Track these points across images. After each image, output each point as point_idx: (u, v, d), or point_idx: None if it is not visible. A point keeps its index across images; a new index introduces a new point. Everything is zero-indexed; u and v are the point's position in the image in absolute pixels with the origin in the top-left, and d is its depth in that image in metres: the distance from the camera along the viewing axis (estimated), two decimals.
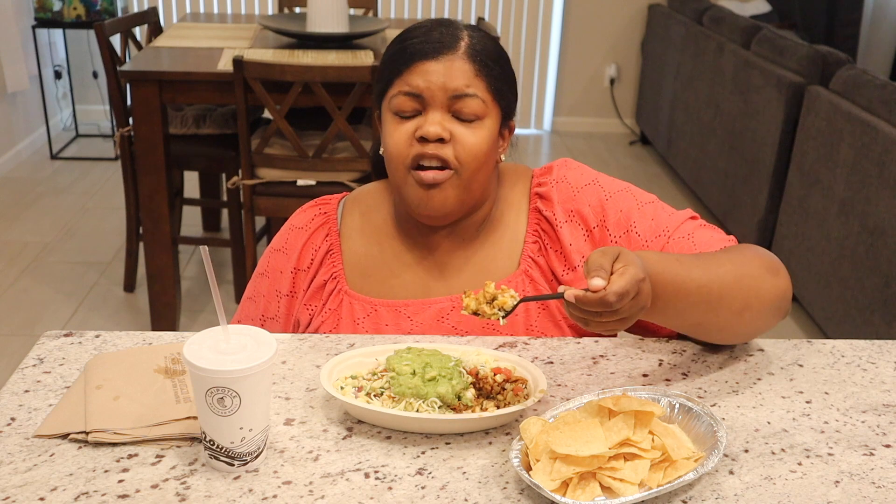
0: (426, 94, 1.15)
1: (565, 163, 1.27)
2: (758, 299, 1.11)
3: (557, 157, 5.09)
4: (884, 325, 2.55)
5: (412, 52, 1.16)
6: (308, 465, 0.92)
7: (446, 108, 1.15)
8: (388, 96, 1.18)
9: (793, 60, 3.32)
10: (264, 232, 3.36)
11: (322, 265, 1.26)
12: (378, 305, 1.24)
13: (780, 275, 1.15)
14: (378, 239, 1.27)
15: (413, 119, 1.17)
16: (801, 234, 3.12)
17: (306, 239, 1.27)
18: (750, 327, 1.13)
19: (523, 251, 1.24)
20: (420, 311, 1.23)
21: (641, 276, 0.94)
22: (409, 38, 1.18)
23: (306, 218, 1.29)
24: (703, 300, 1.06)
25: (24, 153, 4.70)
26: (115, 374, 1.06)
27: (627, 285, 0.92)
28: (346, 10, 3.10)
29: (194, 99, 2.80)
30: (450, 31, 1.17)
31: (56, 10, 4.54)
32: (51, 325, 2.98)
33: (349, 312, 1.24)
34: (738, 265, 1.11)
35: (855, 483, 0.92)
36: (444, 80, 1.14)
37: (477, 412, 0.98)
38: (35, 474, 0.89)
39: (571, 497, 0.86)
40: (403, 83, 1.16)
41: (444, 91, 1.14)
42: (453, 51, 1.16)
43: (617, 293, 0.91)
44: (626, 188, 1.25)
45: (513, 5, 5.26)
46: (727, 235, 1.23)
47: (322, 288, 1.26)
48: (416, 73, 1.15)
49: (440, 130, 1.14)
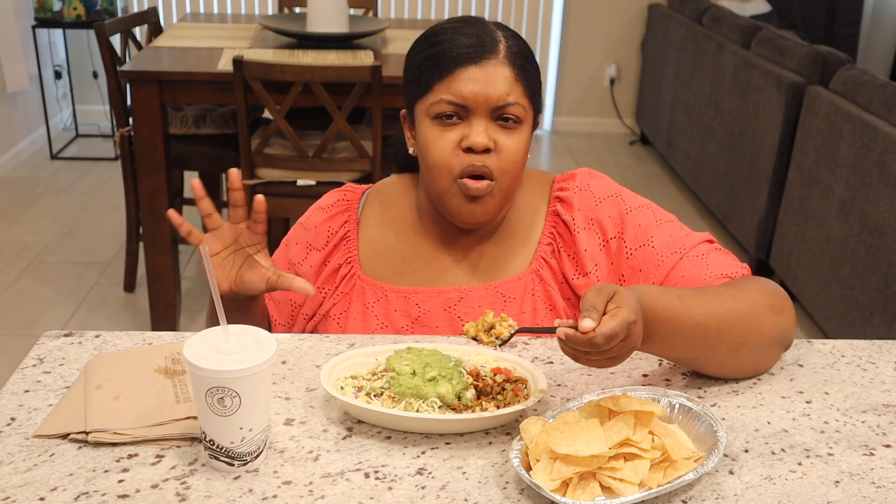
0: (471, 104, 1.14)
1: (589, 172, 1.29)
2: (757, 336, 1.09)
3: (557, 157, 5.10)
4: (884, 325, 2.55)
5: (453, 56, 1.15)
6: (308, 465, 0.92)
7: (489, 117, 1.16)
8: (427, 101, 1.17)
9: (793, 60, 3.32)
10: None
11: (337, 249, 1.28)
12: (388, 291, 1.26)
13: (783, 313, 1.13)
14: (395, 228, 1.29)
15: (456, 127, 1.16)
16: (801, 234, 3.12)
17: (325, 218, 1.29)
18: (748, 364, 1.12)
19: (536, 251, 1.26)
20: (429, 299, 1.25)
21: (633, 319, 0.93)
22: (444, 40, 1.16)
23: (330, 200, 1.32)
24: (700, 336, 1.05)
25: (24, 153, 4.70)
26: (115, 374, 1.06)
27: (617, 328, 0.91)
28: (346, 10, 3.10)
29: (194, 99, 2.80)
30: (486, 33, 1.17)
31: (56, 10, 4.54)
32: (51, 325, 2.98)
33: (360, 296, 1.26)
34: (740, 302, 1.10)
35: (855, 483, 0.92)
36: (488, 88, 1.14)
37: (477, 412, 0.98)
38: (35, 474, 0.89)
39: (571, 497, 0.86)
40: (445, 90, 1.15)
41: (489, 100, 1.14)
42: (494, 55, 1.15)
43: (605, 335, 0.91)
44: (647, 205, 1.26)
45: (513, 5, 5.27)
46: (741, 263, 1.21)
47: (336, 272, 1.28)
48: (460, 79, 1.14)
49: (487, 141, 1.15)
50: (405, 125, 1.26)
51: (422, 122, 1.19)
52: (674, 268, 1.19)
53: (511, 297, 1.24)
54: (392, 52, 3.12)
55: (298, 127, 2.84)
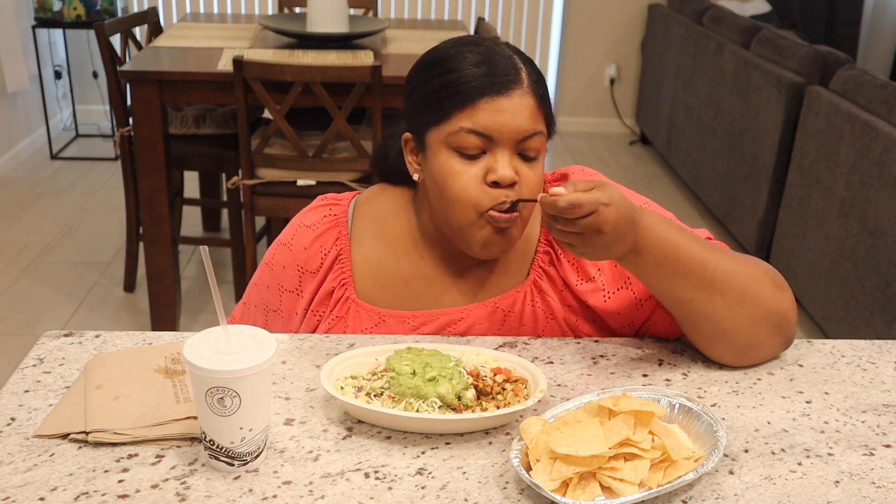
0: (496, 135, 1.10)
1: (582, 170, 1.27)
2: (754, 300, 1.09)
3: (557, 157, 5.10)
4: (884, 325, 2.56)
5: (475, 85, 1.09)
6: (308, 465, 0.92)
7: (514, 150, 1.12)
8: (444, 130, 1.11)
9: (793, 60, 3.32)
10: (264, 232, 3.36)
11: (331, 270, 1.23)
12: (386, 316, 1.22)
13: (783, 291, 1.13)
14: (394, 249, 1.24)
15: (478, 159, 1.11)
16: (801, 234, 3.12)
17: (314, 238, 1.24)
18: (741, 329, 1.10)
19: (534, 261, 1.23)
20: (428, 322, 1.22)
21: (605, 202, 0.98)
22: (463, 67, 1.11)
23: (316, 217, 1.25)
24: (694, 275, 1.07)
25: (24, 153, 4.70)
26: (115, 374, 1.06)
27: (582, 199, 0.97)
28: (346, 10, 3.10)
29: (194, 99, 2.80)
30: (506, 59, 1.12)
31: (56, 10, 4.54)
32: (51, 325, 2.98)
33: (356, 321, 1.23)
34: (741, 263, 1.11)
35: (855, 483, 0.92)
36: (515, 120, 1.09)
37: (477, 412, 0.98)
38: (35, 474, 0.89)
39: (571, 497, 0.86)
40: (467, 120, 1.09)
41: (516, 132, 1.10)
42: (518, 84, 1.10)
43: (569, 202, 0.97)
44: (645, 201, 1.24)
45: (513, 5, 5.26)
46: None
47: (330, 295, 1.24)
48: (485, 110, 1.09)
49: (514, 175, 1.11)
50: (406, 149, 1.20)
51: (437, 151, 1.13)
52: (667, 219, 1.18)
53: (511, 311, 1.22)
54: (392, 52, 3.12)
55: (298, 127, 2.84)
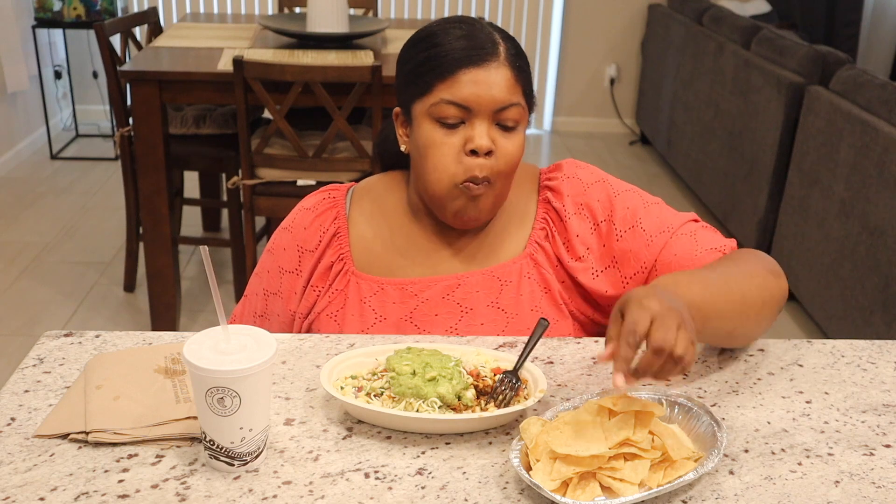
0: (473, 105, 1.15)
1: (574, 162, 1.31)
2: (770, 296, 1.16)
3: (557, 157, 5.11)
4: (884, 325, 2.55)
5: (455, 57, 1.15)
6: (308, 465, 0.92)
7: (491, 119, 1.17)
8: (428, 101, 1.17)
9: (793, 60, 3.32)
10: (264, 232, 3.36)
11: (329, 247, 1.28)
12: (385, 284, 1.26)
13: (780, 276, 1.20)
14: (388, 223, 1.29)
15: (457, 129, 1.17)
16: (801, 234, 3.12)
17: (313, 218, 1.29)
18: (760, 331, 1.18)
19: (531, 235, 1.28)
20: (426, 289, 1.25)
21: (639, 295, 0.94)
22: (443, 42, 1.17)
23: (315, 200, 1.32)
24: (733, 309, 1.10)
25: (24, 153, 4.70)
26: (115, 374, 1.06)
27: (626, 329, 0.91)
28: (346, 10, 3.10)
29: (194, 99, 2.80)
30: (485, 35, 1.18)
31: (56, 10, 4.53)
32: (51, 325, 2.98)
33: (356, 292, 1.27)
34: (747, 269, 1.16)
35: (855, 483, 0.92)
36: (491, 91, 1.15)
37: (477, 412, 0.98)
38: (35, 474, 0.89)
39: (571, 497, 0.86)
40: (447, 91, 1.15)
41: (493, 103, 1.15)
42: (495, 57, 1.16)
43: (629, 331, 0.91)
44: (633, 189, 1.29)
45: (513, 5, 5.26)
46: (728, 238, 1.26)
47: (329, 269, 1.28)
48: (463, 82, 1.15)
49: (490, 143, 1.16)
50: (397, 123, 1.27)
51: (421, 122, 1.19)
52: (665, 247, 1.23)
53: (507, 280, 1.25)
54: (392, 52, 3.12)
55: (298, 127, 2.84)
